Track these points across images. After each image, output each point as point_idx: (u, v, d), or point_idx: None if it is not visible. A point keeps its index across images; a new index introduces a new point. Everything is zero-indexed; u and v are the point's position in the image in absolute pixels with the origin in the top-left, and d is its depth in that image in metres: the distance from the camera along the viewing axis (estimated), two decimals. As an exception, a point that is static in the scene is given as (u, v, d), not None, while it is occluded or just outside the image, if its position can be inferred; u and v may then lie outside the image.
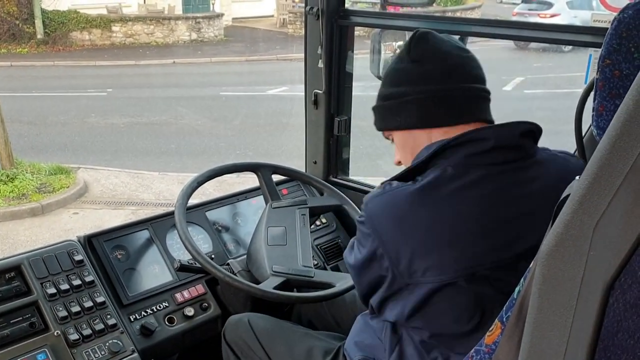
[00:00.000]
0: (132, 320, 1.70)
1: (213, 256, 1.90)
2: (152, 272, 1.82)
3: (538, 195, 1.12)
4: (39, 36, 14.62)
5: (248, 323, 1.60)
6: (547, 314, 0.60)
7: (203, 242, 1.95)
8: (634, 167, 0.51)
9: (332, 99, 2.17)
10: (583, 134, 1.29)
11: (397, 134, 1.28)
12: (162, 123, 8.79)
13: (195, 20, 16.06)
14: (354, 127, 2.28)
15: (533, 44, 11.10)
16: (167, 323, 1.73)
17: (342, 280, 1.62)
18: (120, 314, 1.68)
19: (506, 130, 1.15)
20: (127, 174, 6.72)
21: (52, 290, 1.60)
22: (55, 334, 1.54)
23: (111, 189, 6.35)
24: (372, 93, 1.35)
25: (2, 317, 1.53)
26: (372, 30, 2.17)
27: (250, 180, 2.08)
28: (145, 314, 1.72)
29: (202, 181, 1.81)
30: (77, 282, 1.65)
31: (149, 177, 6.63)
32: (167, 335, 1.71)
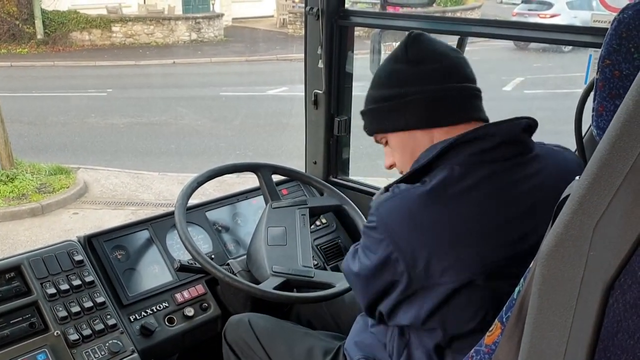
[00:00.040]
0: (132, 320, 1.70)
1: (213, 256, 1.90)
2: (152, 272, 1.82)
3: (541, 189, 1.14)
4: (39, 36, 14.62)
5: (248, 323, 1.60)
6: (547, 314, 0.60)
7: (203, 242, 1.95)
8: (634, 168, 0.51)
9: (332, 99, 2.17)
10: (583, 134, 1.29)
11: (394, 136, 1.26)
12: (162, 123, 8.79)
13: (195, 21, 16.07)
14: (354, 127, 2.28)
15: (533, 44, 11.10)
16: (167, 323, 1.73)
17: (342, 281, 1.62)
18: (120, 314, 1.68)
19: (509, 126, 1.17)
20: (127, 174, 6.72)
21: (52, 291, 1.60)
22: (55, 334, 1.54)
23: (111, 189, 6.35)
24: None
25: (2, 317, 1.53)
26: (372, 30, 2.17)
27: (250, 180, 2.08)
28: (145, 314, 1.72)
29: (202, 181, 1.81)
30: (77, 282, 1.65)
31: (149, 178, 6.63)
32: (167, 336, 1.71)
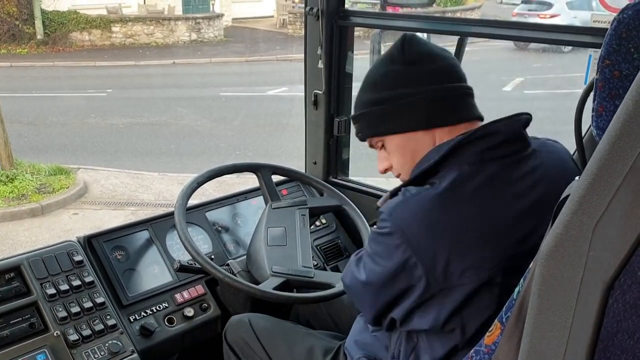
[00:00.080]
0: (132, 320, 1.70)
1: (213, 257, 1.89)
2: (152, 273, 1.82)
3: (543, 183, 1.16)
4: (38, 37, 14.61)
5: (249, 323, 1.60)
6: (547, 315, 0.60)
7: (203, 242, 1.95)
8: (634, 168, 0.51)
9: (332, 99, 2.17)
10: (583, 134, 1.29)
11: (393, 139, 1.25)
12: (161, 123, 8.79)
13: (195, 21, 16.06)
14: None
15: (533, 45, 11.10)
16: (166, 323, 1.73)
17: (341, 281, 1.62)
18: (120, 315, 1.68)
19: (512, 123, 1.18)
20: (126, 174, 6.71)
21: (51, 291, 1.60)
22: (55, 334, 1.54)
23: (111, 189, 6.35)
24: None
25: (2, 317, 1.53)
26: (371, 30, 2.17)
27: (250, 180, 2.08)
28: (145, 315, 1.72)
29: (202, 182, 1.81)
30: (76, 282, 1.65)
31: (149, 178, 6.63)
32: (166, 336, 1.71)
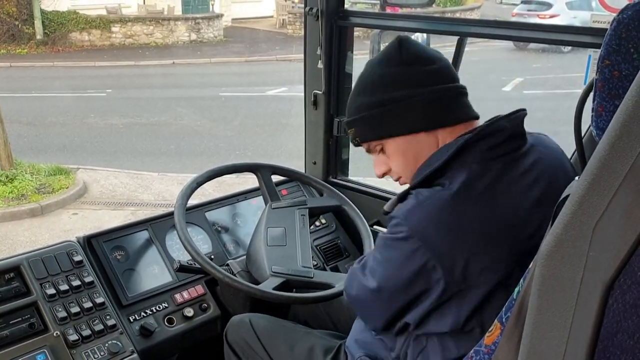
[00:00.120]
0: (132, 320, 1.70)
1: (212, 257, 1.89)
2: (152, 273, 1.82)
3: (544, 178, 1.18)
4: (38, 37, 14.60)
5: (249, 323, 1.60)
6: (547, 315, 0.60)
7: (202, 242, 1.95)
8: (633, 168, 0.51)
9: (332, 99, 2.17)
10: (582, 134, 1.29)
11: (394, 142, 1.23)
12: (161, 124, 8.78)
13: (195, 21, 16.05)
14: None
15: (532, 45, 11.10)
16: (166, 324, 1.73)
17: (342, 281, 1.62)
18: (120, 315, 1.68)
19: (515, 119, 1.19)
20: (126, 174, 6.71)
21: (51, 291, 1.60)
22: (55, 334, 1.54)
23: (110, 189, 6.34)
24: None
25: (2, 317, 1.53)
26: (371, 31, 2.17)
27: (250, 180, 2.08)
28: (145, 315, 1.72)
29: (202, 182, 1.81)
30: (76, 282, 1.65)
31: (149, 178, 6.63)
32: (166, 336, 1.71)
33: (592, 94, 0.72)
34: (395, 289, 1.15)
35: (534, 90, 9.67)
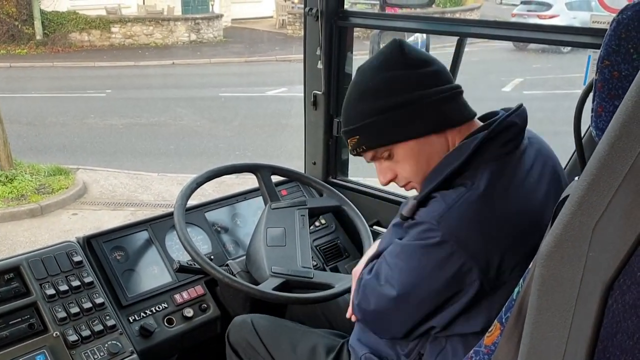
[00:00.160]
0: (131, 321, 1.70)
1: (212, 257, 1.89)
2: (151, 273, 1.82)
3: (546, 170, 1.21)
4: (38, 37, 14.60)
5: (251, 324, 1.60)
6: (547, 315, 0.60)
7: (202, 243, 1.95)
8: (633, 168, 0.51)
9: (332, 99, 2.17)
10: (582, 134, 1.30)
11: (404, 146, 1.19)
12: (161, 124, 8.78)
13: (195, 21, 16.05)
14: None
15: (532, 45, 11.11)
16: (166, 324, 1.73)
17: (341, 281, 1.62)
18: (119, 315, 1.68)
19: (521, 113, 1.20)
20: (126, 174, 6.71)
21: (51, 291, 1.60)
22: (54, 335, 1.54)
23: (110, 189, 6.34)
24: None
25: (1, 318, 1.53)
26: (371, 31, 2.17)
27: (250, 181, 2.08)
28: (145, 315, 1.72)
29: (201, 182, 1.81)
30: (76, 283, 1.65)
31: (148, 178, 6.62)
32: (166, 336, 1.71)
33: (591, 94, 0.73)
34: (425, 296, 1.13)
35: (533, 91, 9.68)
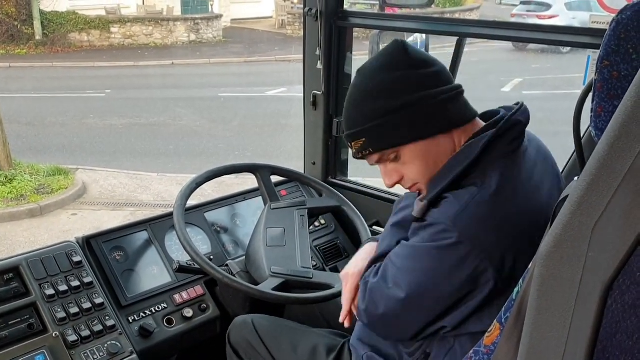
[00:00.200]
0: (131, 321, 1.69)
1: (212, 257, 1.89)
2: (151, 273, 1.82)
3: (547, 168, 1.23)
4: (37, 37, 14.59)
5: (252, 324, 1.60)
6: (546, 315, 0.60)
7: (202, 243, 1.95)
8: (633, 168, 0.51)
9: (331, 100, 2.17)
10: (582, 135, 1.30)
11: (413, 147, 1.17)
12: (160, 124, 8.78)
13: (194, 22, 16.05)
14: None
15: (531, 45, 11.11)
16: (165, 324, 1.73)
17: (341, 282, 1.62)
18: (119, 315, 1.68)
19: (524, 111, 1.20)
20: (125, 175, 6.71)
21: (50, 292, 1.60)
22: (54, 335, 1.54)
23: (110, 190, 6.34)
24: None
25: (1, 318, 1.53)
26: (370, 31, 2.17)
27: (249, 181, 2.07)
28: (144, 315, 1.72)
29: (201, 182, 1.81)
30: (75, 283, 1.65)
31: (148, 178, 6.62)
32: (165, 337, 1.71)
33: (591, 94, 0.73)
34: (438, 298, 1.12)
35: (533, 91, 9.68)
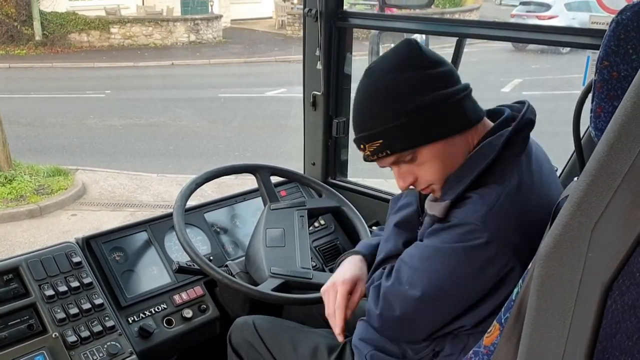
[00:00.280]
0: (131, 322, 1.69)
1: (211, 258, 1.89)
2: (151, 274, 1.82)
3: (547, 162, 1.26)
4: (37, 38, 14.60)
5: (253, 325, 1.60)
6: (546, 316, 0.60)
7: (201, 243, 1.95)
8: (632, 169, 0.51)
9: (331, 100, 2.17)
10: (581, 135, 1.30)
11: (431, 148, 1.15)
12: (160, 125, 8.78)
13: (194, 22, 16.05)
14: (353, 129, 2.27)
15: (531, 46, 11.11)
16: (165, 325, 1.73)
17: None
18: (119, 316, 1.68)
19: (532, 109, 1.21)
20: (125, 175, 6.71)
21: (50, 292, 1.59)
22: (53, 336, 1.54)
23: (109, 190, 6.34)
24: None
25: (0, 319, 1.52)
26: (370, 32, 2.17)
27: (249, 181, 2.07)
28: (144, 316, 1.72)
29: (201, 183, 1.81)
30: (75, 284, 1.64)
31: (148, 179, 6.62)
32: (165, 337, 1.71)
33: (590, 95, 0.73)
34: (461, 297, 1.11)
35: (532, 92, 9.68)
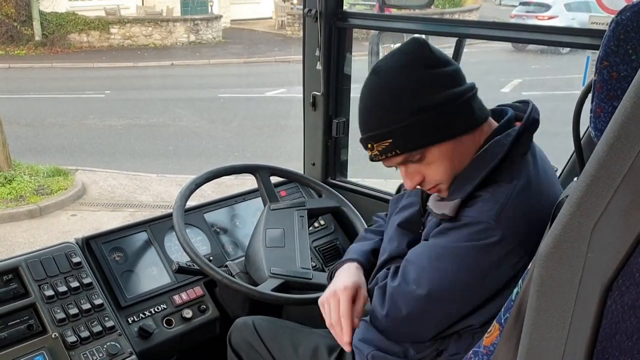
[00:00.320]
0: (130, 322, 1.69)
1: (211, 258, 1.89)
2: (150, 274, 1.82)
3: (548, 161, 1.27)
4: (37, 38, 14.60)
5: (253, 326, 1.60)
6: (545, 316, 0.60)
7: (201, 244, 1.95)
8: (632, 169, 0.51)
9: (331, 100, 2.17)
10: (581, 135, 1.30)
11: (441, 147, 1.14)
12: (160, 125, 8.78)
13: (194, 22, 16.06)
14: (352, 129, 2.28)
15: (531, 46, 11.11)
16: (165, 325, 1.73)
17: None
18: (118, 316, 1.68)
19: (537, 109, 1.22)
20: (125, 175, 6.71)
21: (49, 293, 1.59)
22: (53, 336, 1.54)
23: (109, 190, 6.34)
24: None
25: (0, 319, 1.52)
26: (369, 32, 2.17)
27: (249, 182, 2.08)
28: (143, 316, 1.72)
29: (200, 183, 1.81)
30: (75, 284, 1.64)
31: (147, 179, 6.62)
32: (165, 338, 1.71)
33: (590, 95, 0.73)
34: (471, 296, 1.11)
35: (532, 92, 9.68)
